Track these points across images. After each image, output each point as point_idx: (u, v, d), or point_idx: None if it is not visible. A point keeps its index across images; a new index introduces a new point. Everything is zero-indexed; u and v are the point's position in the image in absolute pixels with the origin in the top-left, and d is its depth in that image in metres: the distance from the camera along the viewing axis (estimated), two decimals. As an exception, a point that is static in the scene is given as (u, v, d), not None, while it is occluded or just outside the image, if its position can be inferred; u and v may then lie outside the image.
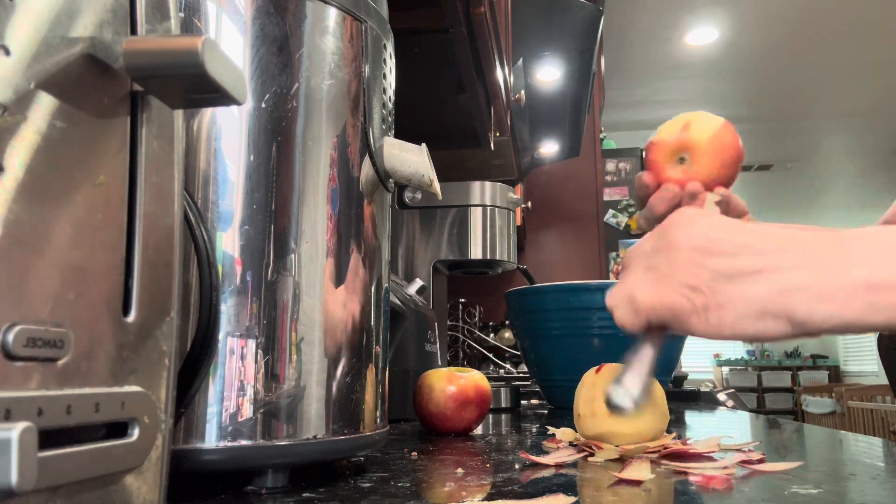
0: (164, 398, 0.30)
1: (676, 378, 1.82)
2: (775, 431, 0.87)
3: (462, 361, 2.38)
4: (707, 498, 0.43)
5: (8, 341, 0.22)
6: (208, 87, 0.28)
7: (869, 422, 5.24)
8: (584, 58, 2.17)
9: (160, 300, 0.30)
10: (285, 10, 0.48)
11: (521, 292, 1.24)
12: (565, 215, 3.15)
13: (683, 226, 0.47)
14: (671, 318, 0.45)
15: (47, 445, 0.23)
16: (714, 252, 0.44)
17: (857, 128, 5.65)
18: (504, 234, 1.50)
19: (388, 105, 0.57)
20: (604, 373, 0.65)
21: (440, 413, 0.79)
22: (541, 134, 2.71)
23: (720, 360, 8.02)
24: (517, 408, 1.26)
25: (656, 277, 0.46)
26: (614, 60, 4.46)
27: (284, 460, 0.45)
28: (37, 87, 0.24)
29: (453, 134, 1.52)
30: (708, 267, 0.44)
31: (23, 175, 0.23)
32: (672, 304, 0.44)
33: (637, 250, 0.50)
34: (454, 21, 1.03)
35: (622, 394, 0.45)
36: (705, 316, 0.44)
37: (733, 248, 0.44)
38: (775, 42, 4.33)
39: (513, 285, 2.01)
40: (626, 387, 0.45)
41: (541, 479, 0.49)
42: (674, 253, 0.46)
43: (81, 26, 0.26)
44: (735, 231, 0.45)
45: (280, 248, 0.46)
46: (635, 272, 0.48)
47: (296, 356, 0.46)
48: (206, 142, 0.45)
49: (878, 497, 0.43)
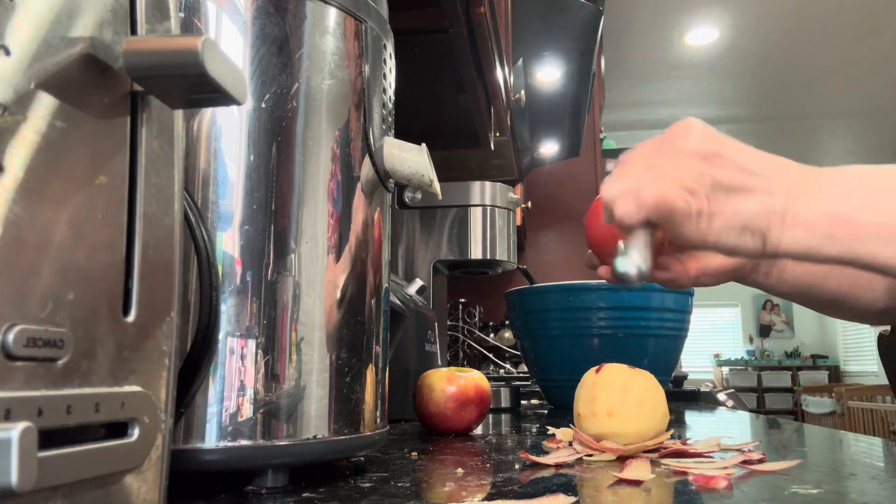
0: (164, 398, 0.30)
1: (676, 378, 1.82)
2: (775, 431, 0.87)
3: (462, 361, 2.38)
4: (707, 498, 0.43)
5: (8, 341, 0.22)
6: (208, 87, 0.28)
7: (869, 422, 5.24)
8: (583, 58, 2.17)
9: (160, 300, 0.30)
10: (285, 10, 0.48)
11: (521, 292, 1.24)
12: (565, 215, 3.15)
13: (691, 132, 0.48)
14: (668, 218, 0.46)
15: (47, 445, 0.23)
16: (717, 163, 0.47)
17: (857, 128, 5.65)
18: (504, 234, 1.50)
19: (388, 105, 0.57)
20: (604, 373, 0.65)
21: (440, 413, 0.79)
22: (541, 134, 2.71)
23: (720, 360, 8.02)
24: (517, 408, 1.26)
25: (659, 176, 0.47)
26: (614, 60, 4.46)
27: (284, 460, 0.45)
28: (37, 87, 0.24)
29: (453, 134, 1.52)
30: (710, 175, 0.46)
31: (23, 175, 0.23)
32: (673, 203, 0.46)
33: (637, 152, 0.51)
34: (454, 21, 1.03)
35: (628, 263, 0.46)
36: (697, 220, 0.46)
37: (734, 162, 0.47)
38: (775, 42, 4.32)
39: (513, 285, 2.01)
40: (631, 258, 0.46)
41: (541, 479, 0.49)
42: (679, 156, 0.47)
43: (81, 26, 0.26)
44: (736, 148, 0.48)
45: (280, 248, 0.46)
46: (635, 169, 0.49)
47: (296, 356, 0.46)
48: (206, 142, 0.45)
49: (878, 497, 0.43)
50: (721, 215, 0.46)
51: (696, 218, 0.46)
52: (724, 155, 0.47)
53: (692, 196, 0.46)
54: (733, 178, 0.46)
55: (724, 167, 0.47)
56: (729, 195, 0.46)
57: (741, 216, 0.46)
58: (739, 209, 0.46)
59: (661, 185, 0.46)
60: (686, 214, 0.46)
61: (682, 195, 0.46)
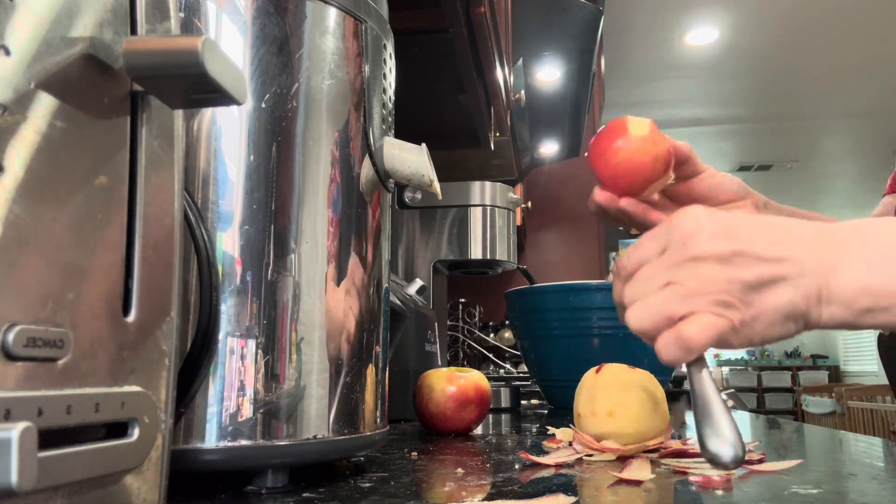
0: (164, 398, 0.30)
1: (676, 378, 1.82)
2: (775, 431, 0.87)
3: (462, 361, 2.38)
4: (707, 498, 0.43)
5: (8, 341, 0.22)
6: (208, 87, 0.28)
7: (869, 422, 5.24)
8: (584, 58, 2.17)
9: (160, 300, 0.30)
10: (285, 10, 0.48)
11: (521, 292, 1.24)
12: (565, 215, 3.15)
13: (699, 232, 0.45)
14: (717, 342, 0.44)
15: (47, 445, 0.23)
16: (739, 262, 0.44)
17: (858, 128, 5.65)
18: (504, 234, 1.50)
19: (388, 105, 0.57)
20: (604, 373, 0.65)
21: (440, 413, 0.79)
22: (541, 134, 2.71)
23: (720, 360, 8.02)
24: (517, 408, 1.26)
25: (685, 295, 0.44)
26: (614, 60, 4.46)
27: (284, 460, 0.45)
28: (37, 87, 0.24)
29: (453, 134, 1.52)
30: (738, 280, 0.44)
31: (23, 175, 0.23)
32: (716, 330, 0.43)
33: (643, 255, 0.47)
34: (454, 21, 1.03)
35: (722, 444, 0.42)
36: (741, 330, 0.44)
37: (756, 256, 0.44)
38: (775, 42, 4.32)
39: (513, 285, 2.01)
40: (721, 435, 0.43)
41: (541, 479, 0.49)
42: (698, 266, 0.44)
43: (81, 26, 0.26)
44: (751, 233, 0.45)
45: (280, 248, 0.46)
46: (653, 286, 0.46)
47: (296, 356, 0.46)
48: (206, 142, 0.45)
49: (878, 497, 0.43)
50: (762, 316, 0.44)
51: (739, 328, 0.44)
52: (742, 251, 0.44)
53: (728, 309, 0.43)
54: (761, 273, 0.44)
55: (747, 265, 0.44)
56: (761, 293, 0.44)
57: (780, 310, 0.43)
58: (777, 304, 0.43)
59: (699, 320, 0.43)
60: (731, 331, 0.44)
61: (720, 314, 0.43)
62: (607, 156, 0.54)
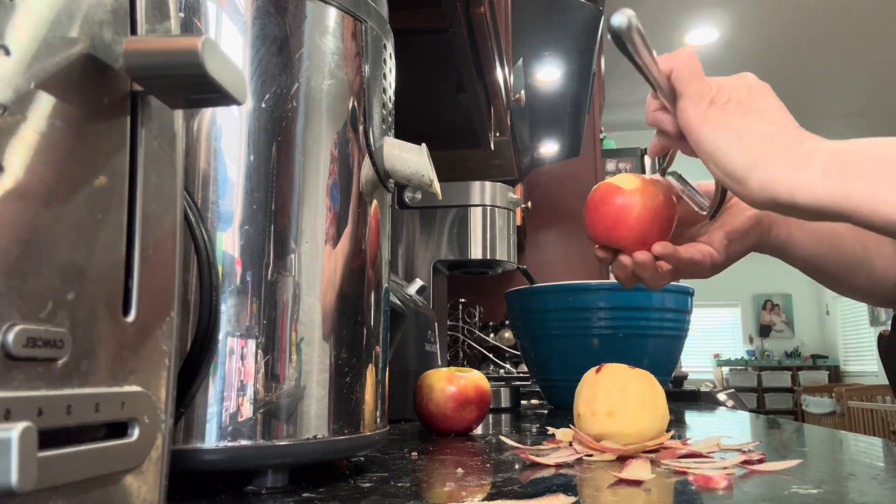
0: (164, 398, 0.30)
1: (676, 378, 1.83)
2: (775, 431, 0.87)
3: (462, 361, 2.38)
4: (707, 498, 0.43)
5: (8, 341, 0.22)
6: (208, 87, 0.28)
7: (869, 422, 5.24)
8: (584, 58, 2.17)
9: (160, 300, 0.30)
10: (285, 10, 0.48)
11: (521, 292, 1.24)
12: (565, 215, 3.15)
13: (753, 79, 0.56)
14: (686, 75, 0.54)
15: (47, 445, 0.23)
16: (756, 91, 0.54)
17: (857, 128, 5.64)
18: (504, 234, 1.50)
19: (388, 105, 0.57)
20: (604, 373, 0.65)
21: (440, 413, 0.79)
22: (541, 134, 2.71)
23: (720, 360, 8.02)
24: (517, 408, 1.26)
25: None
26: (614, 60, 4.46)
27: (284, 460, 0.45)
28: (37, 87, 0.24)
29: (453, 134, 1.52)
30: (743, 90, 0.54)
31: (23, 175, 0.23)
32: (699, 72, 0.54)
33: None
34: (454, 21, 1.03)
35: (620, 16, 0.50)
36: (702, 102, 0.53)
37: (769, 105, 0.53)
38: (775, 42, 4.32)
39: (513, 285, 2.01)
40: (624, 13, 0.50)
41: (541, 479, 0.49)
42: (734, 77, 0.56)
43: (81, 26, 0.26)
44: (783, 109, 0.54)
45: (280, 248, 0.46)
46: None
47: (296, 356, 0.46)
48: (206, 142, 0.45)
49: (878, 497, 0.43)
50: (723, 116, 0.51)
51: (705, 100, 0.52)
52: (766, 94, 0.53)
53: (716, 89, 0.53)
54: (758, 107, 0.52)
55: (755, 98, 0.53)
56: (741, 113, 0.52)
57: (741, 128, 0.51)
58: (743, 123, 0.51)
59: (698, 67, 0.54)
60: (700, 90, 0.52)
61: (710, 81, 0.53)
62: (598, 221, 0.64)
